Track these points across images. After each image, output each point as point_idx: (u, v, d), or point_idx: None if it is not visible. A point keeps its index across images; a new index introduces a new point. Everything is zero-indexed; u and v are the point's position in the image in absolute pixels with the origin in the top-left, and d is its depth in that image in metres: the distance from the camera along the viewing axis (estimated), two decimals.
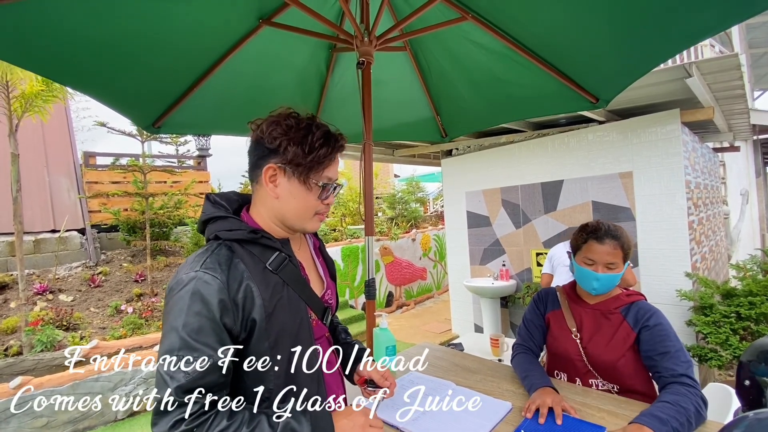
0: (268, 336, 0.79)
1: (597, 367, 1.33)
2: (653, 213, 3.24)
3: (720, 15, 1.14)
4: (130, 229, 5.92)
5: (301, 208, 0.87)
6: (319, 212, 0.89)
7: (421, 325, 5.48)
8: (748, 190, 7.58)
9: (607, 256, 1.28)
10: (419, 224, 8.18)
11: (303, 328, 0.85)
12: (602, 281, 1.30)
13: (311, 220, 0.89)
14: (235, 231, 0.81)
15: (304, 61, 1.88)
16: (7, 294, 4.60)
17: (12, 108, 3.94)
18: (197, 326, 0.71)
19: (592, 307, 1.38)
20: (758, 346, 1.17)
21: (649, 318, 1.28)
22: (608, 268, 1.29)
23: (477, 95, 1.99)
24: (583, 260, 1.33)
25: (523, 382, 1.33)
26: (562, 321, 1.43)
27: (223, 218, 0.84)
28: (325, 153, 0.84)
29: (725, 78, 2.92)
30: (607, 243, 1.29)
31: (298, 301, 0.86)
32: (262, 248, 0.83)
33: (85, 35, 1.26)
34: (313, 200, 0.87)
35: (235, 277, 0.77)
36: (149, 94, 1.67)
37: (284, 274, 0.84)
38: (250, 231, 0.82)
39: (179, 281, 0.74)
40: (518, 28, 1.55)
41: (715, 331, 2.74)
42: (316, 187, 0.86)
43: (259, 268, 0.81)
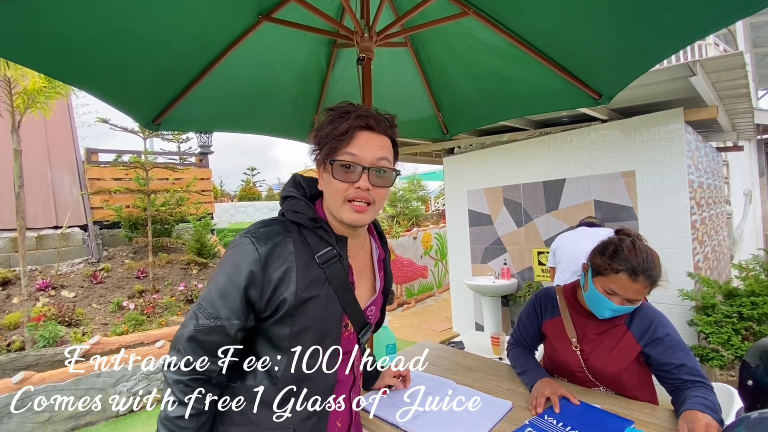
0: (293, 324, 0.77)
1: (599, 378, 1.27)
2: (656, 212, 3.22)
3: (723, 11, 1.13)
4: (132, 225, 5.93)
5: (330, 194, 0.82)
6: (349, 198, 0.80)
7: (421, 324, 5.48)
8: (751, 189, 7.53)
9: (635, 294, 1.13)
10: (420, 222, 8.18)
11: (330, 333, 0.82)
12: (617, 312, 1.18)
13: (342, 208, 0.81)
14: (299, 214, 0.81)
15: (304, 58, 1.87)
16: (10, 290, 4.62)
17: (14, 104, 3.95)
18: (223, 288, 0.76)
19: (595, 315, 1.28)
20: (761, 347, 1.16)
21: (656, 329, 1.20)
22: (628, 301, 1.16)
23: (478, 91, 1.98)
24: (603, 287, 1.18)
25: (521, 377, 1.31)
26: (562, 330, 1.33)
27: (296, 199, 0.84)
28: (336, 128, 0.79)
29: (729, 77, 2.90)
30: (640, 281, 1.11)
31: (335, 304, 0.82)
32: (317, 239, 0.81)
33: (84, 32, 1.25)
34: (335, 183, 0.79)
35: (279, 254, 0.77)
36: (149, 91, 1.66)
37: (330, 272, 0.81)
38: (310, 218, 0.81)
39: (233, 242, 0.79)
40: (520, 24, 1.53)
41: (716, 331, 2.73)
42: (334, 167, 0.79)
43: (307, 257, 0.79)
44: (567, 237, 2.75)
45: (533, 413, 1.12)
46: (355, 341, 0.89)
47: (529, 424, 1.08)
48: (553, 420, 1.09)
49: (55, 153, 6.05)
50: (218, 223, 7.00)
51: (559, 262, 2.73)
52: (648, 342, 1.21)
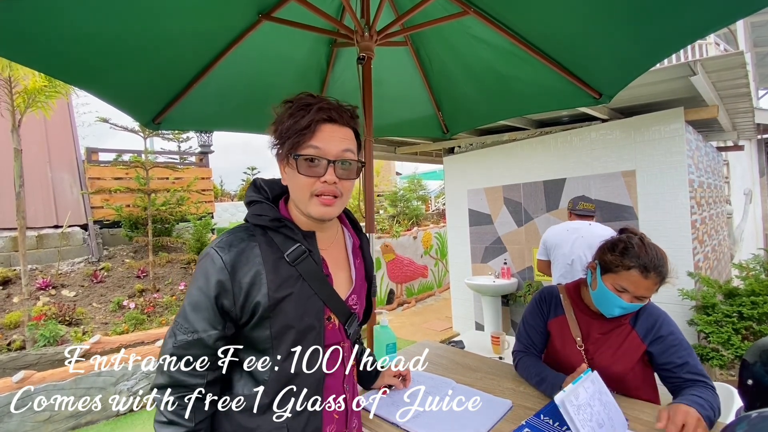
0: (271, 325, 0.77)
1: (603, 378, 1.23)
2: (656, 212, 3.22)
3: (723, 10, 1.13)
4: (133, 225, 5.93)
5: (295, 189, 0.81)
6: (316, 193, 0.79)
7: (421, 323, 5.48)
8: (751, 189, 7.53)
9: (646, 291, 1.13)
10: (421, 222, 8.17)
11: (312, 328, 0.82)
12: (626, 309, 1.17)
13: (310, 203, 0.80)
14: (261, 216, 0.81)
15: (304, 57, 1.87)
16: (10, 289, 4.63)
17: (15, 103, 3.95)
18: (196, 300, 0.76)
19: (599, 314, 1.27)
20: (761, 346, 1.16)
21: (660, 327, 1.20)
22: (638, 299, 1.15)
23: (479, 91, 1.98)
24: (613, 285, 1.16)
25: (539, 387, 1.25)
26: (566, 329, 1.32)
27: (259, 203, 0.84)
28: (297, 121, 0.77)
29: (730, 76, 2.89)
30: (652, 278, 1.12)
31: (314, 299, 0.82)
32: (283, 238, 0.81)
33: (84, 32, 1.25)
34: (300, 177, 0.78)
35: (246, 259, 0.77)
36: (149, 91, 1.66)
37: (301, 268, 0.80)
38: (272, 219, 0.81)
39: (201, 255, 0.80)
40: (520, 23, 1.53)
41: (717, 331, 2.73)
42: (297, 162, 0.78)
43: (275, 257, 0.79)
44: (561, 234, 2.65)
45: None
46: (341, 333, 0.89)
47: (526, 424, 1.08)
48: (549, 420, 1.09)
49: (55, 152, 6.05)
50: (218, 222, 7.00)
51: (554, 260, 2.68)
52: (652, 340, 1.20)
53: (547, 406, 1.16)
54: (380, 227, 7.36)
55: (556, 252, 2.66)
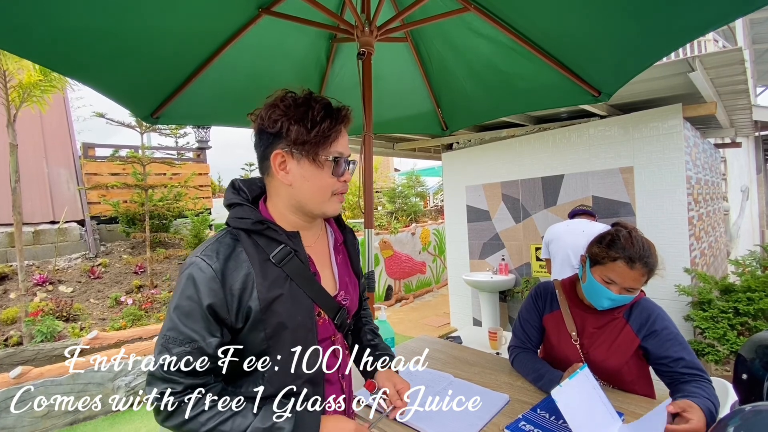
0: (265, 327, 0.77)
1: (598, 372, 1.27)
2: (653, 208, 3.23)
3: (722, 9, 1.13)
4: (130, 220, 5.91)
5: (316, 189, 0.82)
6: (336, 192, 0.84)
7: (419, 319, 5.50)
8: (748, 186, 7.57)
9: (633, 282, 1.16)
10: (419, 218, 8.18)
11: (304, 326, 0.82)
12: (616, 302, 1.20)
13: (329, 202, 0.84)
14: (244, 220, 0.80)
15: (304, 52, 1.86)
16: (7, 285, 4.61)
17: (10, 98, 3.91)
18: (187, 310, 0.74)
19: (594, 309, 1.29)
20: (756, 341, 1.17)
21: (654, 322, 1.22)
22: (627, 290, 1.18)
23: (478, 87, 1.98)
24: (601, 276, 1.20)
25: (537, 384, 1.27)
26: (561, 324, 1.34)
27: (240, 205, 0.83)
28: (330, 125, 0.79)
29: (728, 73, 2.90)
30: (638, 269, 1.14)
31: (303, 298, 0.82)
32: (267, 240, 0.81)
33: (82, 24, 1.24)
34: (327, 178, 0.82)
35: (234, 266, 0.76)
36: (147, 84, 1.65)
37: (288, 268, 0.81)
38: (255, 221, 0.80)
39: (185, 263, 0.78)
40: (521, 20, 1.53)
41: (712, 326, 2.75)
42: (327, 163, 0.81)
43: (261, 260, 0.79)
44: (561, 230, 2.70)
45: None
46: (331, 327, 0.90)
47: (522, 418, 1.09)
48: (545, 413, 1.11)
49: (51, 148, 6.00)
50: (216, 218, 6.98)
51: (554, 255, 2.72)
52: (646, 334, 1.22)
53: (544, 401, 1.17)
54: (378, 223, 7.36)
55: (554, 248, 2.69)
